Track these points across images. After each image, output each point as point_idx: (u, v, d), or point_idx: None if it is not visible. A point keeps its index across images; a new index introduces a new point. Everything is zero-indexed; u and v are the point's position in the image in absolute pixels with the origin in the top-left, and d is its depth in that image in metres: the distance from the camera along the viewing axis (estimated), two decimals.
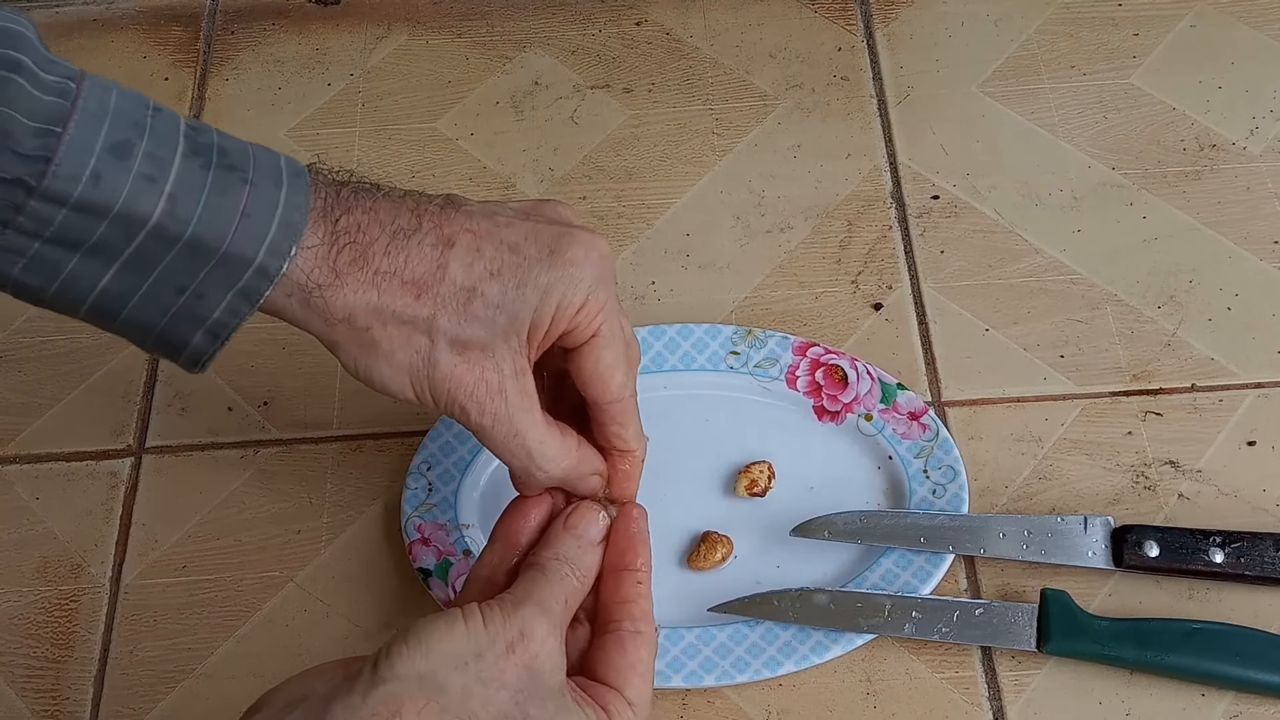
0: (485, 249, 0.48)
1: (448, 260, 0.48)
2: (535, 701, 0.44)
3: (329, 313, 0.47)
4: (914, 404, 0.64)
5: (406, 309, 0.47)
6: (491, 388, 0.48)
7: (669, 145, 0.76)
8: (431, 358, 0.48)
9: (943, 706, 0.57)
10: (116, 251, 0.44)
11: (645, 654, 0.48)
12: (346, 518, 0.64)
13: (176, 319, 0.46)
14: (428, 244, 0.48)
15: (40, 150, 0.42)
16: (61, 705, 0.59)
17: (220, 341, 0.47)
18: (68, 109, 0.42)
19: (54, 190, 0.42)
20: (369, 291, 0.47)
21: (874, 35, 0.79)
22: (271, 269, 0.45)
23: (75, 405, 0.68)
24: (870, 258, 0.70)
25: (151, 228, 0.43)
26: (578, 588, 0.49)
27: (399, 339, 0.47)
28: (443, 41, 0.81)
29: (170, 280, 0.45)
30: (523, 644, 0.44)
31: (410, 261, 0.47)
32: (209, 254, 0.44)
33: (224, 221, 0.44)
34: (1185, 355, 0.66)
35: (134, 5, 0.83)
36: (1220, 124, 0.74)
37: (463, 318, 0.48)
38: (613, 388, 0.51)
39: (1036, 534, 0.59)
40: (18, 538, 0.64)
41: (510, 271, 0.48)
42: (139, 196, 0.43)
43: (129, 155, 0.43)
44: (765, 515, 0.62)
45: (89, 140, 0.43)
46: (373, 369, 0.48)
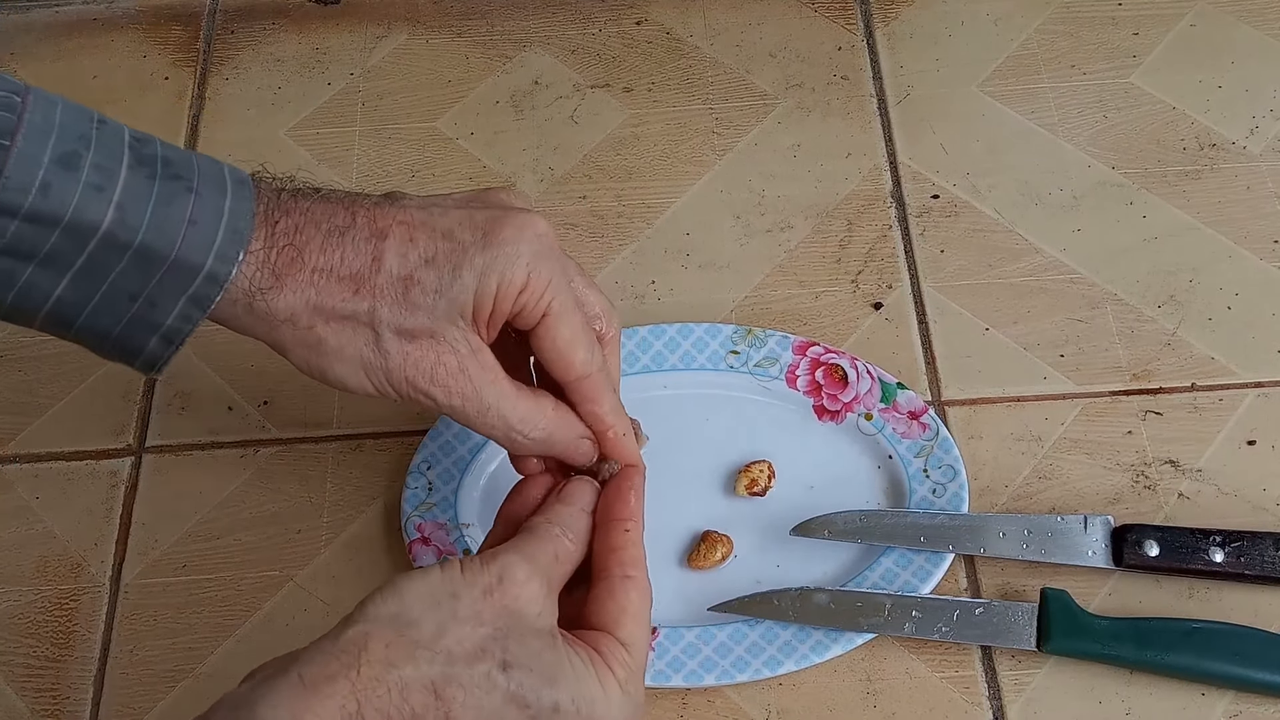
0: (419, 238, 0.49)
1: (382, 252, 0.48)
2: (516, 639, 0.44)
3: (272, 315, 0.48)
4: (914, 403, 0.64)
5: (345, 304, 0.48)
6: (451, 369, 0.49)
7: (669, 145, 0.76)
8: (380, 349, 0.48)
9: (943, 706, 0.57)
10: (69, 261, 0.45)
11: (636, 597, 0.48)
12: (346, 517, 0.64)
13: (131, 326, 0.47)
14: (361, 239, 0.48)
15: None
16: (61, 705, 0.59)
17: (174, 347, 0.48)
18: (14, 122, 0.43)
19: (4, 202, 0.43)
20: (307, 290, 0.48)
21: (874, 35, 0.79)
22: (220, 275, 0.46)
23: (75, 405, 0.68)
24: (870, 257, 0.70)
25: (101, 236, 0.44)
26: (569, 548, 0.48)
27: (344, 335, 0.48)
28: (443, 41, 0.81)
29: (123, 288, 0.46)
30: (500, 587, 0.44)
31: (345, 257, 0.48)
32: (159, 261, 0.45)
33: (171, 229, 0.45)
34: (1185, 355, 0.66)
35: (134, 5, 0.83)
36: (1220, 123, 0.74)
37: (403, 307, 0.48)
38: (576, 365, 0.51)
39: (1036, 533, 0.59)
40: (18, 537, 0.64)
41: (445, 257, 0.49)
42: (88, 206, 0.44)
43: (77, 166, 0.44)
44: (765, 515, 0.62)
45: (37, 152, 0.43)
46: (325, 367, 0.49)
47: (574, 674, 0.44)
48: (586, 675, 0.45)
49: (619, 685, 0.45)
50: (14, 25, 0.83)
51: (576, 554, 0.49)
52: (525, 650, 0.43)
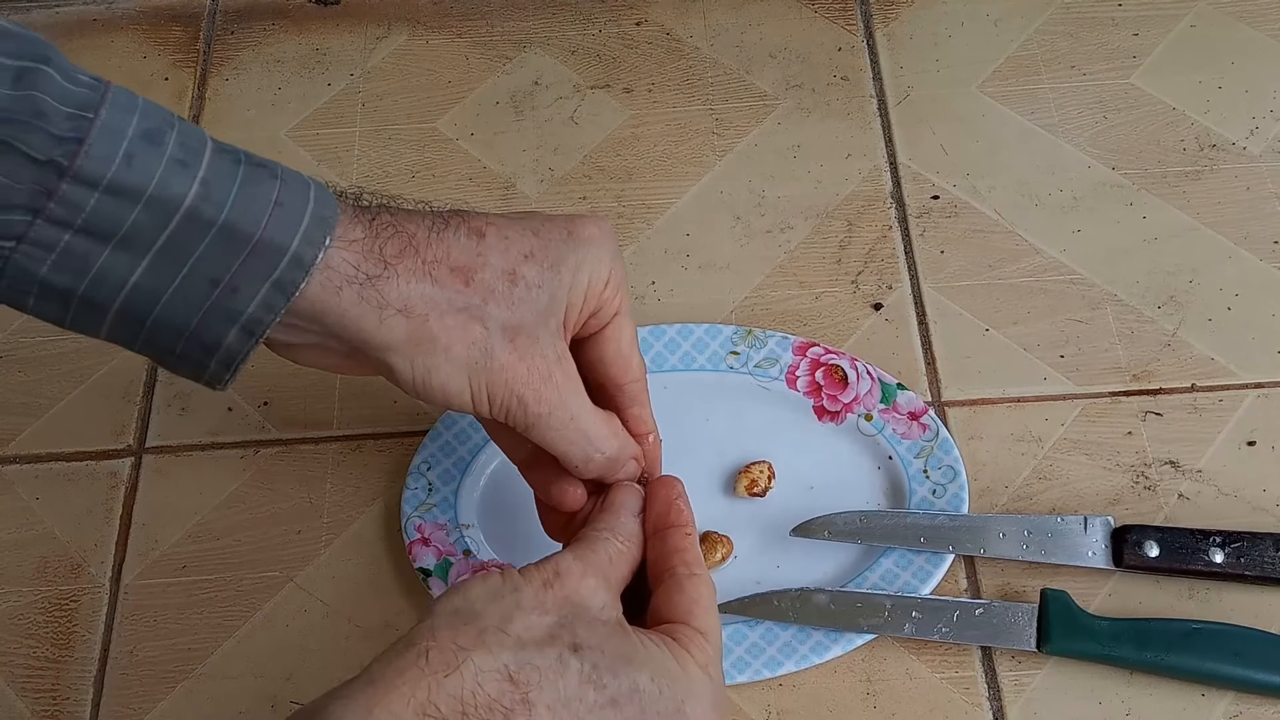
0: (512, 235, 0.49)
1: (485, 249, 0.48)
2: (584, 625, 0.43)
3: (384, 303, 0.46)
4: (914, 404, 0.64)
5: (459, 296, 0.47)
6: (543, 373, 0.48)
7: (669, 145, 0.76)
8: (487, 347, 0.47)
9: (943, 706, 0.57)
10: (149, 241, 0.43)
11: (705, 591, 0.48)
12: (346, 518, 0.64)
13: (210, 316, 0.44)
14: (463, 234, 0.48)
15: (73, 132, 0.41)
16: (61, 705, 0.59)
17: (255, 340, 0.45)
18: (98, 99, 0.42)
19: (87, 171, 0.41)
20: (423, 280, 0.46)
21: (874, 35, 0.79)
22: (307, 258, 0.44)
23: (75, 405, 0.68)
24: (870, 258, 0.70)
25: (185, 211, 0.43)
26: (621, 549, 0.48)
27: (455, 330, 0.47)
28: (443, 41, 0.81)
29: (204, 272, 0.44)
30: (558, 580, 0.44)
31: (452, 251, 0.47)
32: (243, 241, 0.43)
33: (258, 208, 0.44)
34: (1185, 355, 0.66)
35: (134, 5, 0.83)
36: (1220, 124, 0.74)
37: (509, 302, 0.48)
38: (634, 366, 0.52)
39: (1036, 534, 0.60)
40: (18, 538, 0.64)
41: (542, 253, 0.49)
42: (172, 179, 0.42)
43: (161, 142, 0.43)
44: (765, 515, 0.62)
45: (121, 124, 0.42)
46: (431, 369, 0.47)
47: (650, 655, 0.44)
48: (664, 656, 0.44)
49: (699, 666, 0.45)
50: None
51: (630, 555, 0.49)
52: (594, 634, 0.43)
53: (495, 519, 0.62)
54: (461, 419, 0.64)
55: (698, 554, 0.49)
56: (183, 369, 0.47)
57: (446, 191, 0.74)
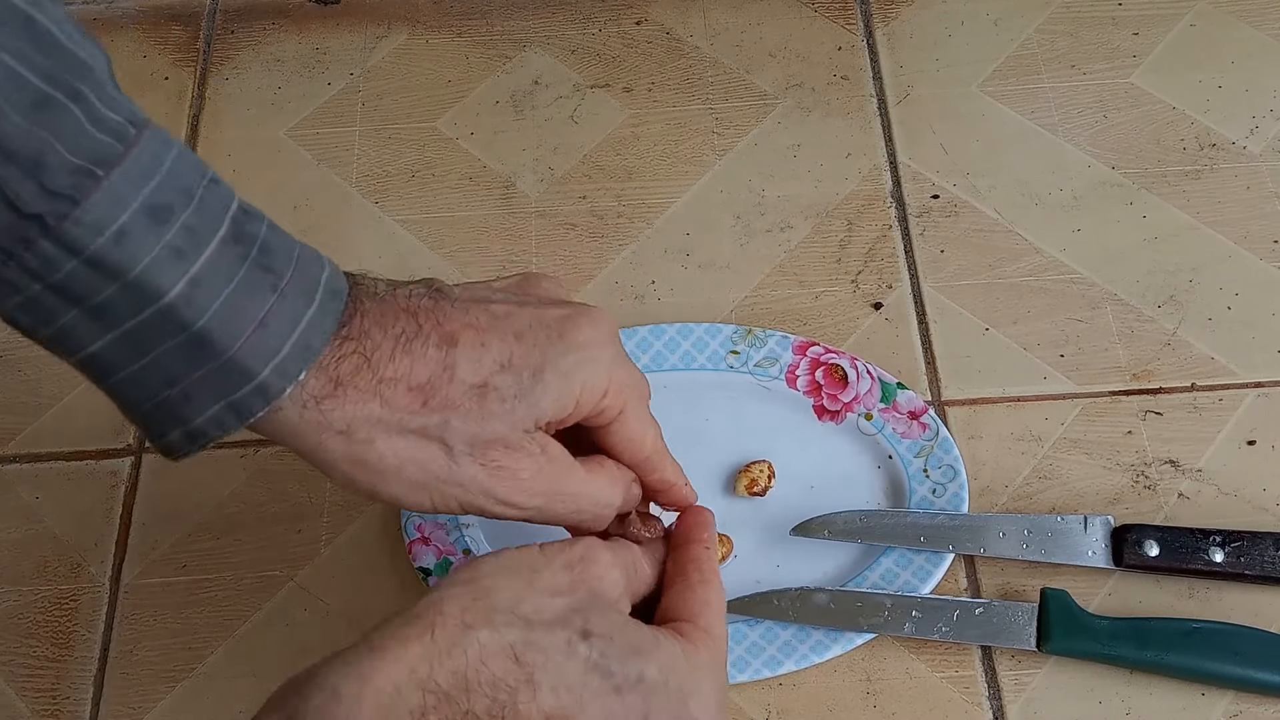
0: (490, 342, 0.45)
1: (454, 360, 0.44)
2: (598, 612, 0.42)
3: (325, 424, 0.43)
4: (914, 403, 0.64)
5: (413, 418, 0.44)
6: (531, 472, 0.46)
7: (669, 145, 0.76)
8: (452, 465, 0.44)
9: (943, 706, 0.57)
10: (117, 320, 0.40)
11: (715, 597, 0.47)
12: (346, 518, 0.64)
13: (158, 409, 0.42)
14: (431, 345, 0.44)
15: (70, 190, 0.38)
16: (61, 705, 0.59)
17: (198, 446, 0.43)
18: (119, 154, 0.39)
19: (71, 238, 0.38)
20: (371, 402, 0.43)
21: (874, 35, 0.79)
22: (273, 390, 0.42)
23: (75, 405, 0.68)
24: (870, 257, 0.70)
25: (161, 307, 0.40)
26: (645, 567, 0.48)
27: (406, 452, 0.44)
28: (443, 41, 0.81)
29: (163, 369, 0.41)
30: (583, 565, 0.43)
31: (415, 367, 0.44)
32: (212, 355, 0.41)
33: (239, 325, 0.41)
34: (1185, 355, 0.66)
35: (134, 5, 0.83)
36: (1220, 124, 0.74)
37: (479, 417, 0.44)
38: (646, 447, 0.50)
39: (1036, 533, 0.59)
40: (18, 538, 0.64)
41: (522, 360, 0.45)
42: (161, 269, 0.39)
43: (166, 221, 0.39)
44: (765, 515, 0.62)
45: (128, 193, 0.39)
46: (379, 487, 0.45)
47: (659, 647, 0.43)
48: (673, 649, 0.44)
49: (707, 665, 0.44)
50: None
51: (650, 569, 0.48)
52: (606, 622, 0.42)
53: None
54: None
55: (714, 566, 0.49)
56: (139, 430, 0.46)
57: (446, 191, 0.74)
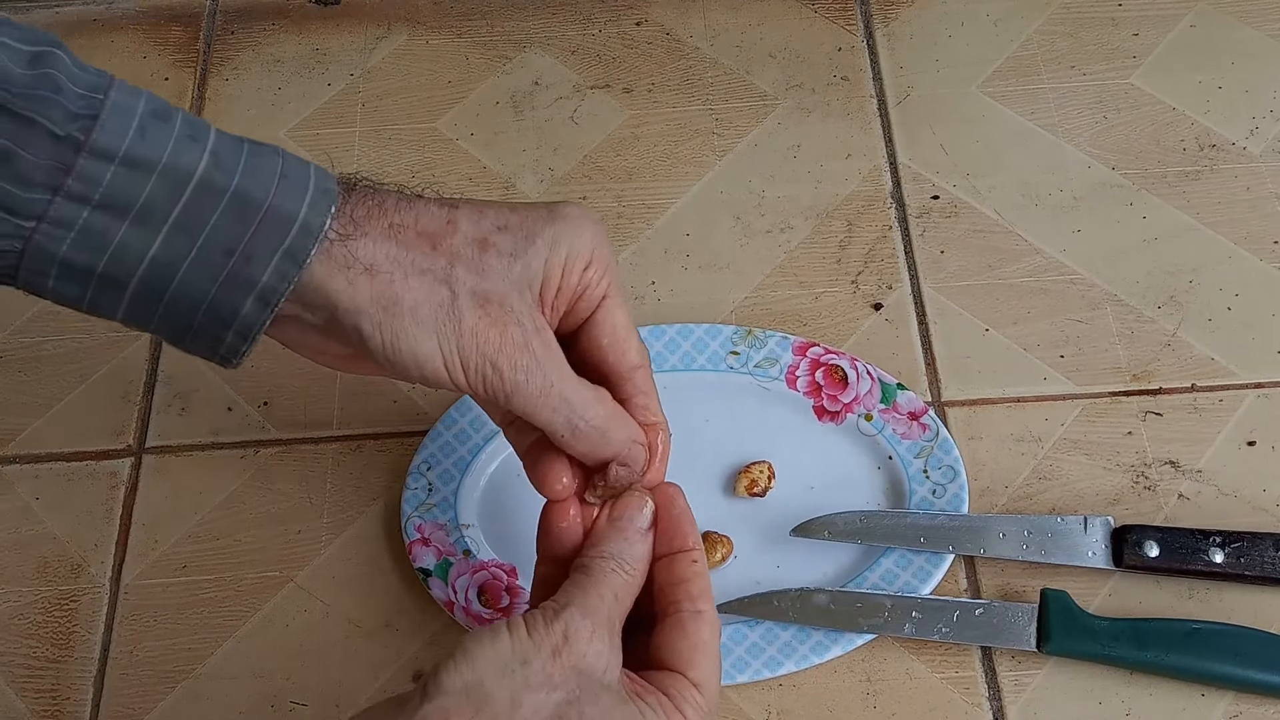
0: (488, 210, 0.49)
1: (456, 217, 0.48)
2: (590, 699, 0.43)
3: (352, 261, 0.46)
4: (914, 404, 0.64)
5: (424, 259, 0.47)
6: (518, 342, 0.48)
7: (669, 145, 0.76)
8: (455, 311, 0.47)
9: (943, 706, 0.57)
10: (165, 212, 0.44)
11: (707, 634, 0.47)
12: (346, 518, 0.64)
13: (226, 286, 0.45)
14: (434, 205, 0.49)
15: (87, 109, 0.43)
16: (61, 705, 0.59)
17: (270, 310, 0.46)
18: (106, 82, 0.44)
19: (102, 145, 0.43)
20: (388, 241, 0.47)
21: (874, 35, 0.79)
22: (315, 226, 0.45)
23: (75, 405, 0.68)
24: (870, 258, 0.70)
25: (198, 180, 0.44)
26: (626, 580, 0.48)
27: (421, 291, 0.47)
28: (443, 41, 0.81)
29: (218, 242, 0.44)
30: (567, 646, 0.44)
31: (420, 218, 0.48)
32: (255, 209, 0.45)
33: (265, 179, 0.45)
34: (1185, 355, 0.66)
35: (134, 5, 0.83)
36: (1220, 124, 0.74)
37: (479, 268, 0.48)
38: (631, 353, 0.51)
39: (1036, 534, 0.60)
40: (18, 538, 0.64)
41: (517, 225, 0.49)
42: (184, 151, 0.44)
43: (169, 119, 0.45)
44: (765, 515, 0.62)
45: (131, 104, 0.44)
46: (399, 332, 0.47)
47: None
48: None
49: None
50: None
51: (636, 584, 0.48)
52: (599, 711, 0.43)
53: (495, 519, 0.62)
54: (461, 418, 0.64)
55: (704, 585, 0.48)
56: (198, 345, 0.47)
57: (446, 191, 0.73)
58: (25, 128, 0.42)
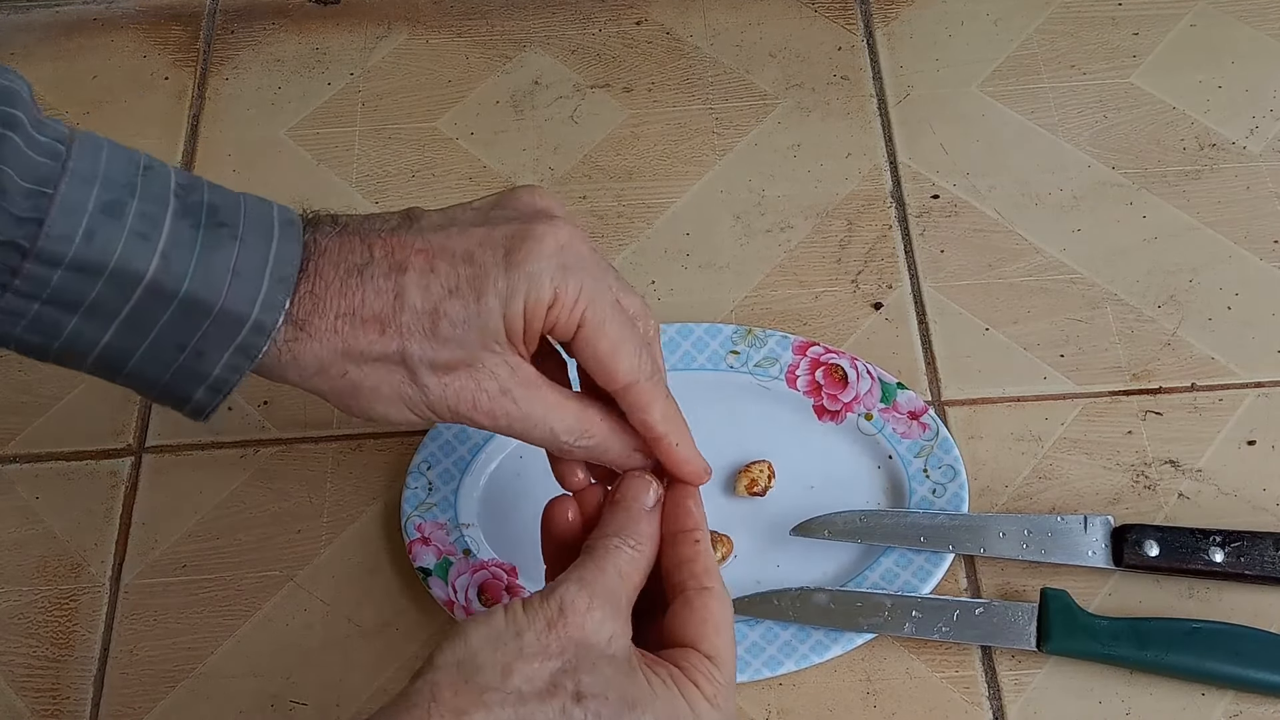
0: (439, 267, 0.47)
1: (403, 287, 0.46)
2: (588, 668, 0.43)
3: (301, 366, 0.46)
4: (914, 403, 0.64)
5: (373, 346, 0.46)
6: (493, 393, 0.48)
7: (669, 145, 0.76)
8: (418, 383, 0.47)
9: (943, 706, 0.57)
10: (114, 310, 0.44)
11: (716, 607, 0.47)
12: (346, 518, 0.64)
13: (178, 375, 0.46)
14: (380, 274, 0.47)
15: (32, 212, 0.42)
16: (61, 705, 0.59)
17: (222, 396, 0.47)
18: (59, 171, 0.42)
19: (48, 251, 0.42)
20: (333, 339, 0.46)
21: (874, 35, 0.79)
22: (267, 324, 0.45)
23: (75, 405, 0.68)
24: (870, 257, 0.70)
25: (147, 285, 0.44)
26: (631, 556, 0.47)
27: (377, 376, 0.47)
28: (443, 41, 0.81)
29: (170, 338, 0.45)
30: (563, 618, 0.43)
31: (366, 298, 0.46)
32: (205, 311, 0.44)
33: (217, 279, 0.44)
34: (1185, 355, 0.66)
35: (134, 5, 0.83)
36: (1220, 124, 0.74)
37: (433, 342, 0.47)
38: (619, 374, 0.49)
39: (1036, 533, 0.59)
40: (18, 538, 0.64)
41: (468, 284, 0.47)
42: (133, 254, 0.43)
43: (121, 215, 0.43)
44: (765, 515, 0.62)
45: (81, 199, 0.43)
46: (366, 409, 0.48)
47: (654, 695, 0.43)
48: (669, 694, 0.44)
49: (706, 700, 0.44)
50: (14, 25, 0.83)
51: (644, 561, 0.48)
52: (598, 679, 0.42)
53: (495, 518, 0.62)
54: None
55: (709, 563, 0.48)
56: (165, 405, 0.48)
57: (446, 191, 0.74)
58: None
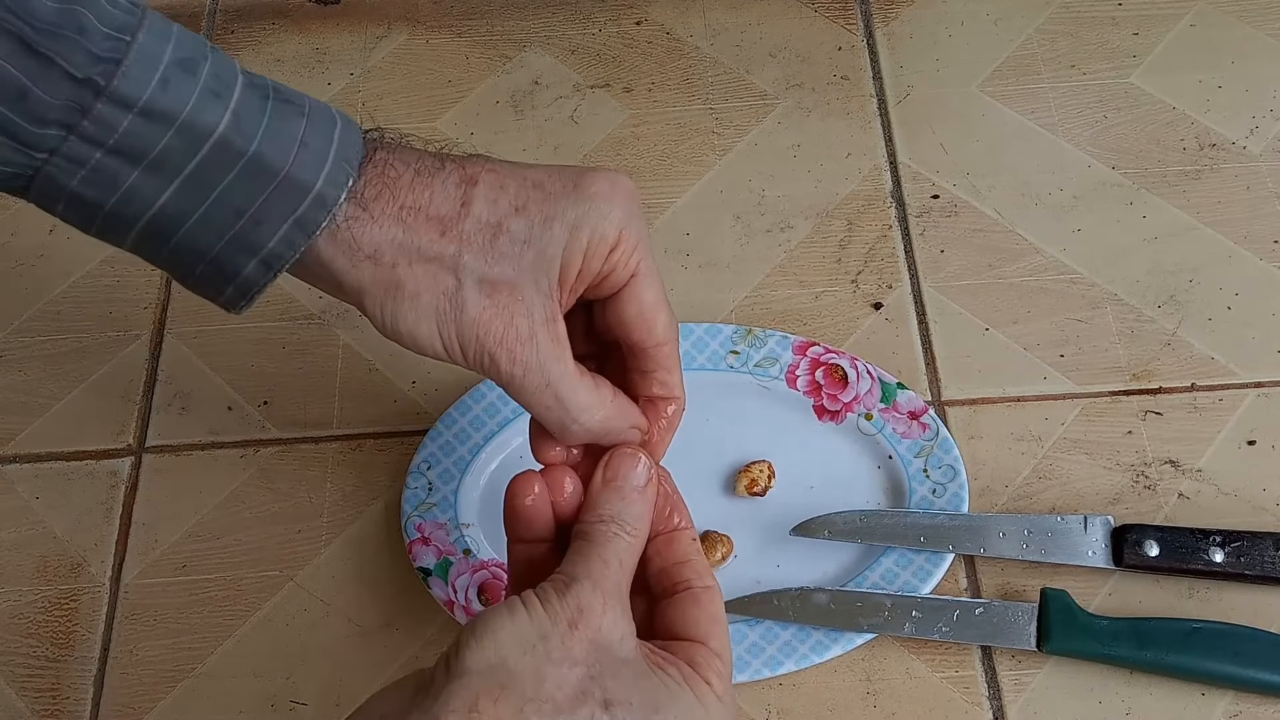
0: (509, 185, 0.47)
1: (471, 197, 0.47)
2: (611, 673, 0.43)
3: (356, 247, 0.45)
4: (914, 403, 0.64)
5: (432, 245, 0.46)
6: (522, 334, 0.47)
7: (669, 145, 0.76)
8: (459, 298, 0.46)
9: (943, 706, 0.57)
10: (179, 166, 0.43)
11: (718, 606, 0.47)
12: (346, 517, 0.64)
13: (232, 245, 0.45)
14: (451, 182, 0.47)
15: (111, 52, 0.42)
16: (61, 705, 0.59)
17: (272, 274, 0.46)
18: (137, 22, 0.43)
19: (123, 92, 0.42)
20: (395, 227, 0.46)
21: (874, 35, 0.79)
22: (329, 199, 0.44)
23: (75, 405, 0.68)
24: (870, 257, 0.70)
25: (216, 141, 0.43)
26: (629, 543, 0.47)
27: (424, 278, 0.46)
28: (443, 41, 0.81)
29: (229, 202, 0.44)
30: (583, 620, 0.43)
31: (435, 198, 0.46)
32: (270, 176, 0.44)
33: (285, 145, 0.44)
34: (1185, 355, 0.66)
35: None
36: (1220, 124, 0.74)
37: (489, 255, 0.46)
38: (659, 329, 0.49)
39: (1036, 533, 0.60)
40: (18, 538, 0.64)
41: (536, 206, 0.47)
42: (205, 108, 0.43)
43: (195, 71, 0.43)
44: (765, 515, 0.62)
45: (158, 50, 0.43)
46: (399, 315, 0.47)
47: (674, 698, 0.43)
48: (683, 694, 0.44)
49: (716, 696, 0.44)
50: None
51: (638, 548, 0.47)
52: (621, 684, 0.42)
53: (495, 518, 0.62)
54: (462, 418, 0.64)
55: (704, 561, 0.48)
56: (200, 290, 0.47)
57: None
58: (44, 67, 0.41)
